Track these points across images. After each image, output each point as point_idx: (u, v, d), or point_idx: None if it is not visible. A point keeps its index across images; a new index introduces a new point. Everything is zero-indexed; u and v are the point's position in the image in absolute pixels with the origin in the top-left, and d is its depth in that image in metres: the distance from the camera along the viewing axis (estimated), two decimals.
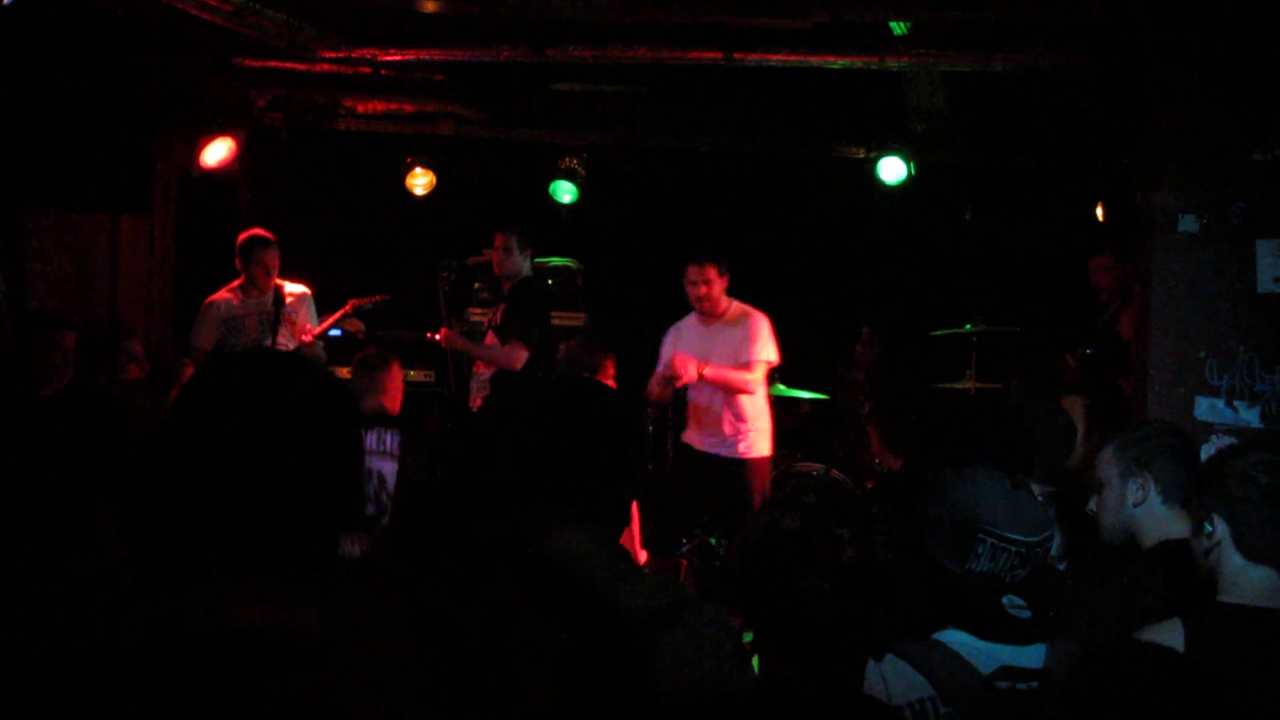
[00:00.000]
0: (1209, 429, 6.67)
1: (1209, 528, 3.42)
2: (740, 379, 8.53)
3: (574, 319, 10.99)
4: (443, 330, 9.05)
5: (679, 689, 2.80)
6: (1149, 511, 3.97)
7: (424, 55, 9.55)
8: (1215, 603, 3.42)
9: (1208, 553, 3.44)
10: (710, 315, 8.69)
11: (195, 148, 10.15)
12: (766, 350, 8.59)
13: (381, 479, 7.42)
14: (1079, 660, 2.95)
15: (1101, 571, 4.08)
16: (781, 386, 9.64)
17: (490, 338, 8.98)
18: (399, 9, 8.46)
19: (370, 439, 7.51)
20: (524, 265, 9.12)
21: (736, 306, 8.72)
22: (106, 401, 4.06)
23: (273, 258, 8.99)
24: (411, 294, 9.50)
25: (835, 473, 9.14)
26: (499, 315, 9.02)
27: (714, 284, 8.59)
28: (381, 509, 7.38)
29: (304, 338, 8.94)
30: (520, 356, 8.68)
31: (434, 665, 1.54)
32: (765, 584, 2.79)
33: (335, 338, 9.16)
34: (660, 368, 8.75)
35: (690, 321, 8.86)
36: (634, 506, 6.38)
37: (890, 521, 3.21)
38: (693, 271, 8.60)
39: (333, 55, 9.49)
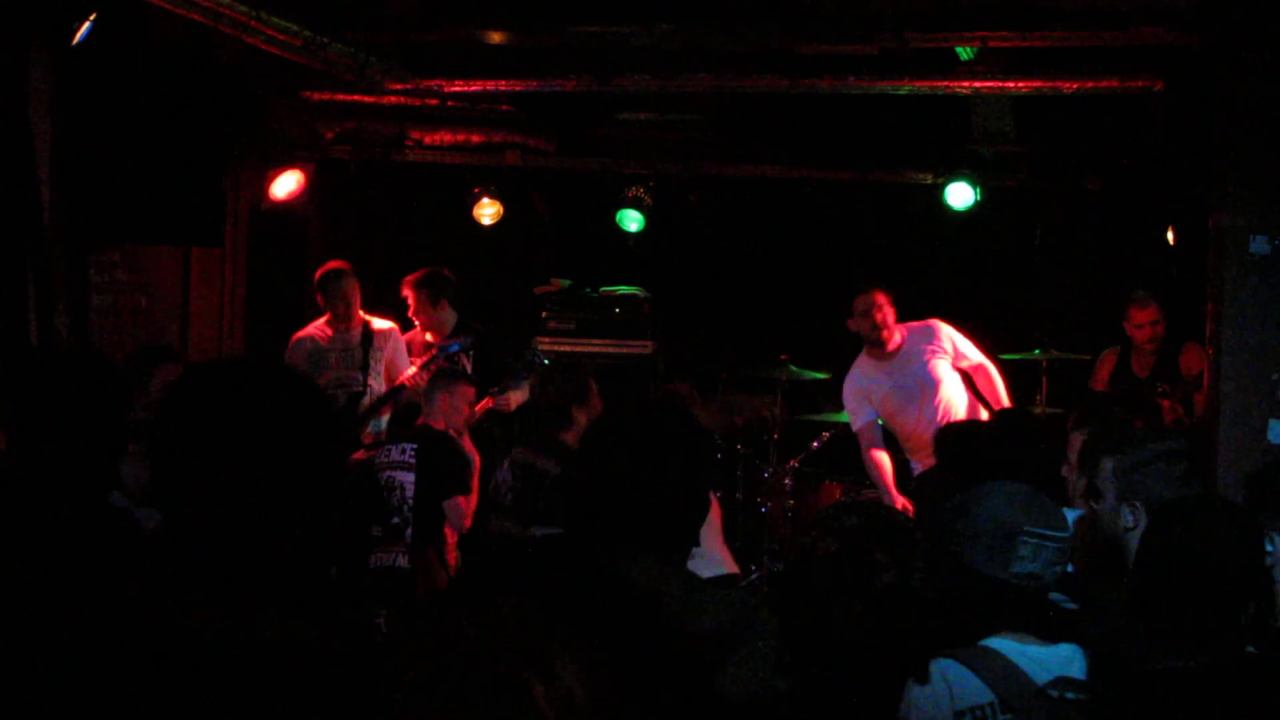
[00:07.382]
0: None
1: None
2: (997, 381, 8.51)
3: (642, 347, 10.96)
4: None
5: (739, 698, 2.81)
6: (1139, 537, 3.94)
7: (490, 86, 9.60)
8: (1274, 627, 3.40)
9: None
10: (883, 349, 8.41)
11: (265, 180, 10.24)
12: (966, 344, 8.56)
13: (403, 490, 7.60)
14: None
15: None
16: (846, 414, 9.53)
17: None
18: (465, 41, 8.51)
19: (394, 451, 7.76)
20: None
21: (903, 329, 8.47)
22: (108, 365, 3.97)
23: (351, 288, 8.98)
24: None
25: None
26: None
27: (886, 310, 8.33)
28: (405, 520, 7.58)
29: (405, 380, 8.75)
30: None
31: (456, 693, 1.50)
32: (801, 604, 2.77)
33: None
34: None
35: (866, 367, 8.55)
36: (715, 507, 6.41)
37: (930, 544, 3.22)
38: (861, 302, 8.34)
39: (399, 87, 9.56)
